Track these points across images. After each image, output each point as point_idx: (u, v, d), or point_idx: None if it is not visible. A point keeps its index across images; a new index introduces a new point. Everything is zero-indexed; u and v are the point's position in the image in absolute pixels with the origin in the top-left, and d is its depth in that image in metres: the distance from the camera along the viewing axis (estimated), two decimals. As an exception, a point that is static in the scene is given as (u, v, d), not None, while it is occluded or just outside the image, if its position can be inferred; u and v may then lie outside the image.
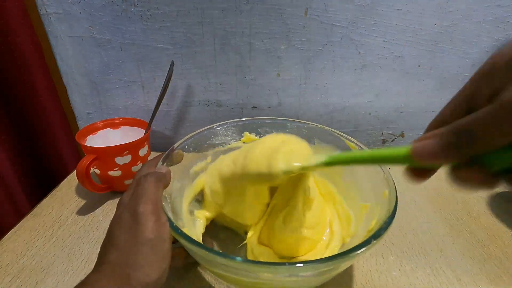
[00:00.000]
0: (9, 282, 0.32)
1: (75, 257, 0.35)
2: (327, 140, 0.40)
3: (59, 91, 0.53)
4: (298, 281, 0.26)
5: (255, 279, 0.25)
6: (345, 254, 0.22)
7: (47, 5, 0.47)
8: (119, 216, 0.24)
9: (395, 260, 0.36)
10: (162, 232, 0.23)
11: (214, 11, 0.47)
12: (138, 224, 0.23)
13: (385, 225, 0.25)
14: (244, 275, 0.24)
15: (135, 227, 0.23)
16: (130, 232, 0.22)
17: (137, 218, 0.23)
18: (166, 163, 0.31)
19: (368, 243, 0.23)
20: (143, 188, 0.25)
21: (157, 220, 0.23)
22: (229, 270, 0.24)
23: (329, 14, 0.47)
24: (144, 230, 0.22)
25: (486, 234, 0.40)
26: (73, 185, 0.48)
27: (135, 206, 0.23)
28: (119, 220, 0.24)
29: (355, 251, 0.22)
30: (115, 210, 0.26)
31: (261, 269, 0.22)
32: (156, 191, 0.25)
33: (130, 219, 0.23)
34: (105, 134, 0.47)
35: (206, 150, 0.40)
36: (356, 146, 0.36)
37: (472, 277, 0.34)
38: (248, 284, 0.26)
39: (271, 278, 0.25)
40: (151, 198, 0.24)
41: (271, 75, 0.53)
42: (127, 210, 0.24)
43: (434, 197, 0.47)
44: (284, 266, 0.22)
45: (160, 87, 0.46)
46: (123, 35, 0.49)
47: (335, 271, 0.26)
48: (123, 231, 0.23)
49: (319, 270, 0.23)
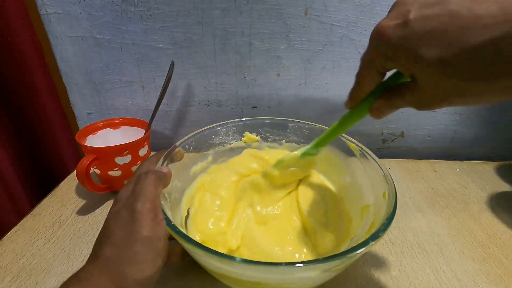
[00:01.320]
0: (9, 282, 0.32)
1: (75, 257, 0.35)
2: None
3: (59, 91, 0.53)
4: (294, 282, 0.26)
5: (252, 278, 0.25)
6: (344, 254, 0.22)
7: (47, 5, 0.47)
8: (117, 212, 0.24)
9: (395, 260, 0.36)
10: (158, 231, 0.23)
11: (214, 11, 0.47)
12: (135, 221, 0.23)
13: (384, 226, 0.25)
14: (241, 276, 0.24)
15: (132, 224, 0.23)
16: (127, 229, 0.23)
17: (135, 216, 0.23)
18: (167, 161, 0.31)
19: (366, 244, 0.23)
20: (142, 186, 0.25)
21: (154, 218, 0.24)
22: (225, 270, 0.24)
23: (329, 14, 0.47)
24: (141, 228, 0.23)
25: (486, 234, 0.40)
26: (73, 185, 0.48)
27: (133, 204, 0.24)
28: (117, 216, 0.24)
29: (355, 251, 0.22)
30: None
31: (258, 269, 0.22)
32: (155, 190, 0.25)
33: (128, 216, 0.23)
34: (105, 134, 0.47)
35: (207, 149, 0.40)
36: (357, 146, 0.36)
37: (472, 277, 0.34)
38: (247, 284, 0.26)
39: (268, 278, 0.25)
40: (150, 197, 0.24)
41: (271, 75, 0.53)
42: (125, 207, 0.24)
43: (434, 197, 0.47)
44: (281, 266, 0.22)
45: (160, 87, 0.46)
46: (123, 35, 0.49)
47: (335, 271, 0.26)
48: (120, 228, 0.23)
49: (317, 270, 0.23)
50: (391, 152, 0.61)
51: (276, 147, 0.44)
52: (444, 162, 0.56)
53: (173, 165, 0.32)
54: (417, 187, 0.49)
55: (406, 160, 0.57)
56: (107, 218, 0.25)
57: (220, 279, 0.28)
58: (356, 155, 0.36)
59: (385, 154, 0.60)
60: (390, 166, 0.55)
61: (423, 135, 0.59)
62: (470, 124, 0.57)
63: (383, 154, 0.61)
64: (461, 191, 0.48)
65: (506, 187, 0.49)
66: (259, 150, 0.42)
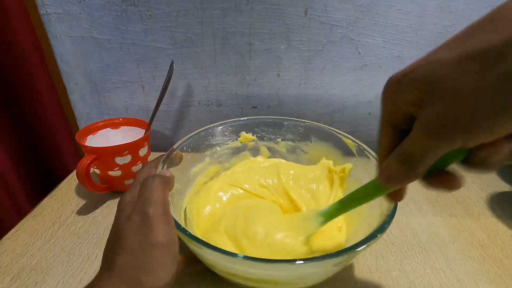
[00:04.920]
0: (9, 282, 0.32)
1: (75, 257, 0.35)
2: (324, 138, 0.40)
3: (59, 91, 0.53)
4: (292, 279, 0.26)
5: (269, 276, 0.25)
6: (346, 251, 0.22)
7: (47, 5, 0.47)
8: (128, 218, 0.23)
9: (395, 260, 0.36)
10: (172, 235, 0.23)
11: (214, 11, 0.47)
12: (149, 227, 0.22)
13: (384, 225, 0.25)
14: (259, 275, 0.24)
15: (146, 230, 0.22)
16: (141, 235, 0.22)
17: (148, 221, 0.22)
18: (166, 165, 0.31)
19: (366, 242, 0.23)
20: (151, 191, 0.24)
21: (167, 223, 0.23)
22: (238, 269, 0.24)
23: (329, 14, 0.47)
24: (156, 234, 0.22)
25: (486, 234, 0.40)
26: (73, 185, 0.48)
27: (145, 209, 0.23)
28: (128, 222, 0.23)
29: (355, 248, 0.23)
30: (115, 210, 0.26)
31: (260, 266, 0.22)
32: (163, 194, 0.25)
33: (141, 221, 0.23)
34: (105, 134, 0.47)
35: (204, 151, 0.40)
36: (353, 142, 0.36)
37: (472, 277, 0.34)
38: (257, 281, 0.26)
39: (270, 275, 0.25)
40: (160, 201, 0.24)
41: (271, 75, 0.53)
42: (137, 213, 0.23)
43: (434, 197, 0.47)
44: (282, 263, 0.22)
45: (160, 87, 0.46)
46: (123, 35, 0.49)
47: (336, 268, 0.26)
48: (133, 234, 0.22)
49: (318, 267, 0.23)
50: (391, 152, 0.61)
51: (272, 145, 0.44)
52: (444, 162, 0.56)
53: (173, 169, 0.32)
54: (417, 187, 0.49)
55: (406, 160, 0.57)
56: (116, 225, 0.24)
57: (233, 280, 0.28)
58: (353, 151, 0.36)
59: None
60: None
61: (423, 135, 0.59)
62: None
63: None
64: (461, 191, 0.48)
65: (506, 187, 0.49)
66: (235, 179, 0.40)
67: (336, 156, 0.39)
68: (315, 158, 0.41)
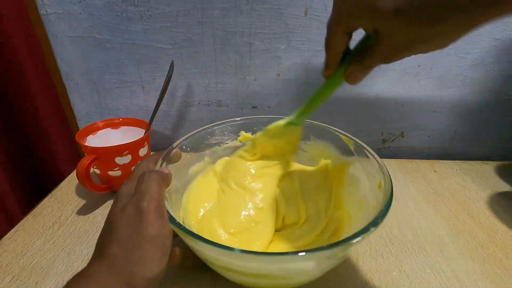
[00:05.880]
0: (9, 282, 0.32)
1: (75, 257, 0.35)
2: (323, 137, 0.40)
3: (59, 91, 0.53)
4: (286, 273, 0.26)
5: (254, 270, 0.25)
6: (343, 242, 0.23)
7: (47, 5, 0.47)
8: (122, 210, 0.24)
9: (395, 260, 0.36)
10: (165, 229, 0.24)
11: (214, 11, 0.47)
12: (142, 220, 0.23)
13: (381, 214, 0.25)
14: (252, 269, 0.25)
15: (139, 223, 0.23)
16: (134, 228, 0.23)
17: (141, 215, 0.23)
18: (165, 162, 0.31)
19: (365, 231, 0.23)
20: (147, 185, 0.25)
21: (160, 217, 0.24)
22: (235, 264, 0.25)
23: (329, 14, 0.47)
24: (148, 227, 0.23)
25: (486, 234, 0.40)
26: (73, 185, 0.48)
27: (140, 202, 0.24)
28: (122, 214, 0.24)
29: (352, 240, 0.23)
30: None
31: (255, 259, 0.23)
32: (159, 189, 0.25)
33: (134, 214, 0.23)
34: (105, 134, 0.47)
35: (203, 150, 0.40)
36: (351, 140, 0.36)
37: (472, 277, 0.34)
38: (254, 275, 0.26)
39: (269, 269, 0.25)
40: (155, 196, 0.24)
41: (271, 75, 0.53)
42: (131, 205, 0.24)
43: (434, 197, 0.47)
44: (276, 255, 0.22)
45: (160, 87, 0.46)
46: (123, 35, 0.49)
47: (331, 261, 0.26)
48: (126, 226, 0.23)
49: (315, 259, 0.24)
50: (391, 152, 0.61)
51: None
52: (444, 162, 0.56)
53: (171, 166, 0.33)
54: (417, 187, 0.49)
55: (406, 160, 0.57)
56: (111, 215, 0.25)
57: (226, 274, 0.28)
58: (351, 148, 0.36)
59: (385, 154, 0.60)
60: (390, 166, 0.55)
61: (423, 135, 0.59)
62: (470, 124, 0.57)
63: (383, 154, 0.61)
64: (461, 191, 0.48)
65: (506, 187, 0.49)
66: None
67: (335, 155, 0.39)
68: (314, 156, 0.41)
